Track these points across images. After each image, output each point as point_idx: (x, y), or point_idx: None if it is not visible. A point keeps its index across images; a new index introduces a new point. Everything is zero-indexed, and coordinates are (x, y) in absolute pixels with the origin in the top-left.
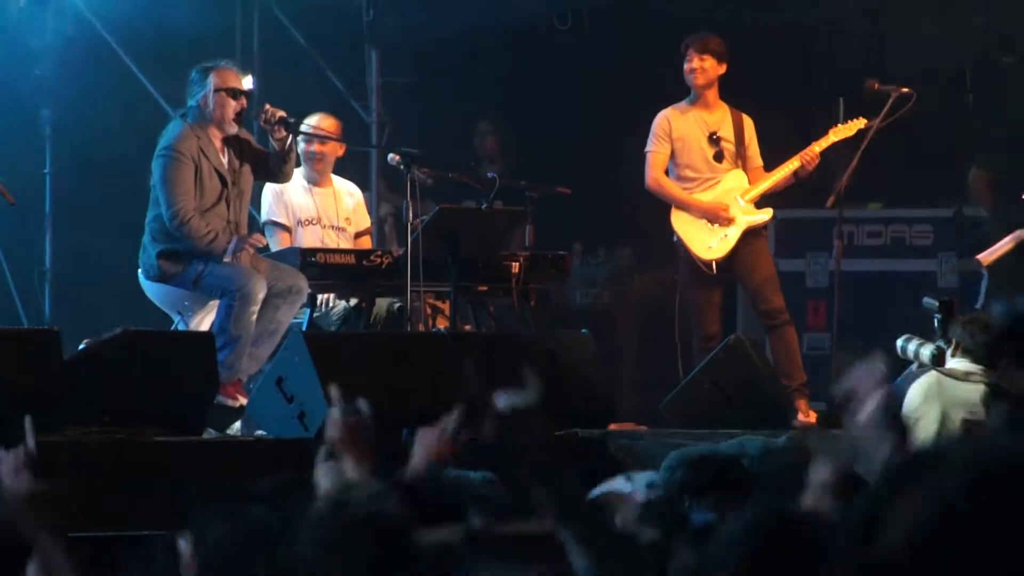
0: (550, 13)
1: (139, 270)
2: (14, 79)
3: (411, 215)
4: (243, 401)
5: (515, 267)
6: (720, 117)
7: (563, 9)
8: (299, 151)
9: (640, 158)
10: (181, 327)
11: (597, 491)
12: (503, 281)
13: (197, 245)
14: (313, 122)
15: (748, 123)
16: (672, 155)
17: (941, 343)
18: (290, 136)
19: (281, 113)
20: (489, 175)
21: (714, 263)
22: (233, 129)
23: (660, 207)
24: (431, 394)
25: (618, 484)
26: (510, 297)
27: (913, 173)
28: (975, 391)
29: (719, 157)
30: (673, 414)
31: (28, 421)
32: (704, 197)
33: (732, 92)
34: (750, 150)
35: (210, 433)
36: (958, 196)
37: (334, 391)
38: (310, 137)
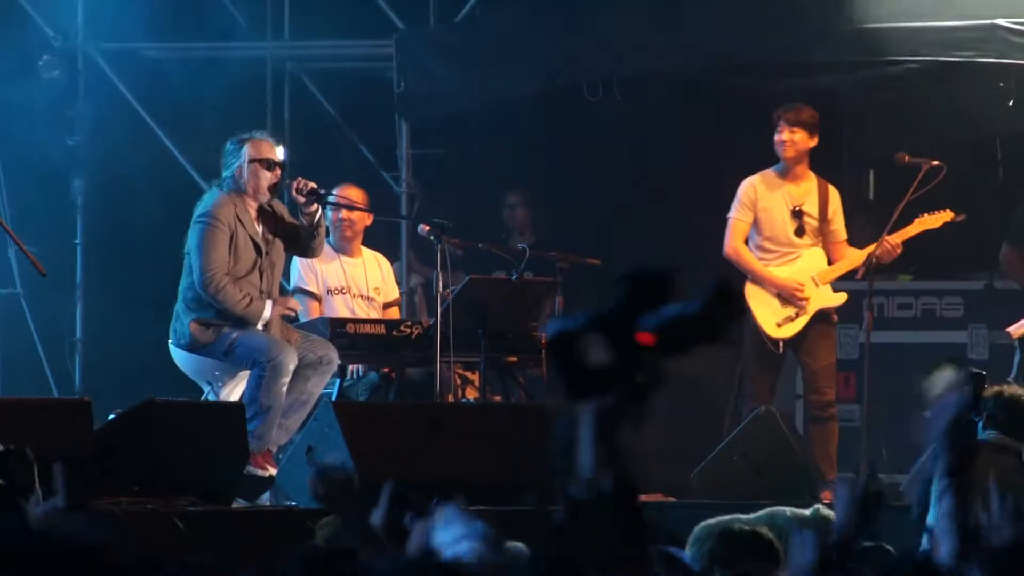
0: (581, 84)
1: (170, 340)
2: (46, 149)
3: (441, 285)
4: (273, 471)
5: (545, 338)
6: (806, 190)
7: (594, 79)
8: (328, 220)
9: (673, 226)
10: (211, 397)
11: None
12: (533, 352)
13: (233, 311)
14: (338, 192)
15: (834, 196)
16: (754, 224)
17: (972, 416)
18: (320, 211)
19: (312, 185)
20: (519, 246)
21: (781, 342)
22: (266, 199)
23: (691, 276)
24: (460, 464)
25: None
26: (540, 368)
27: (943, 245)
28: (1006, 463)
29: (800, 232)
30: (702, 485)
31: (58, 468)
32: (780, 272)
33: (762, 160)
34: (833, 224)
35: (240, 503)
36: (988, 268)
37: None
38: (338, 206)
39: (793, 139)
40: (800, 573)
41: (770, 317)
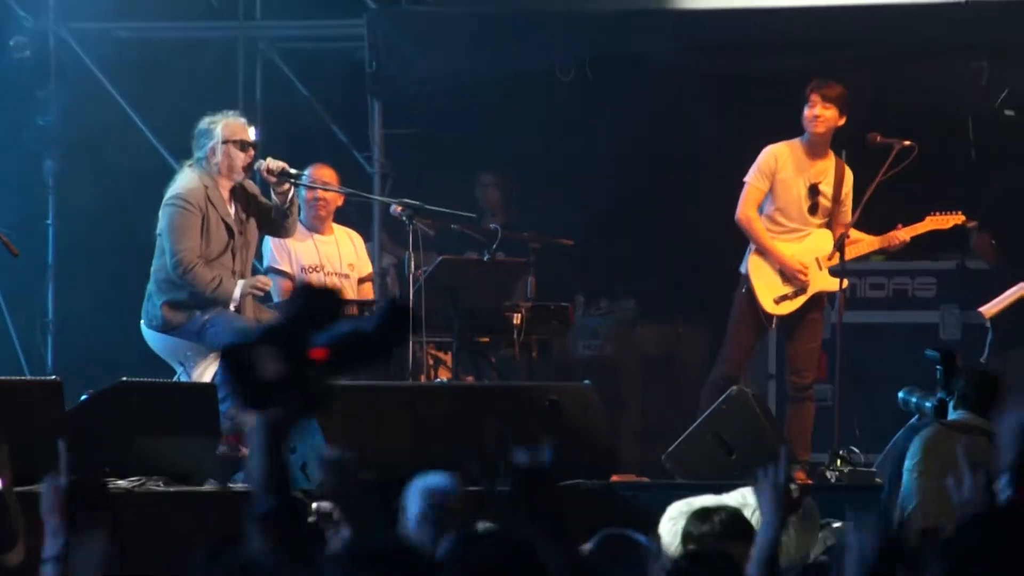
0: (553, 64)
1: (142, 321)
2: (17, 129)
3: (413, 266)
4: (245, 452)
5: (517, 318)
6: (824, 168)
7: (566, 60)
8: (302, 198)
9: (646, 208)
10: (183, 378)
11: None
12: (505, 332)
13: (203, 292)
14: (310, 171)
15: (848, 177)
16: (769, 193)
17: (943, 395)
18: (292, 189)
19: (283, 165)
20: (491, 226)
21: (774, 318)
22: (240, 179)
23: (664, 259)
24: (432, 445)
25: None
26: (512, 348)
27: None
28: (977, 443)
29: (814, 209)
30: (675, 465)
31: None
32: (787, 249)
33: (733, 143)
34: (844, 205)
35: (212, 484)
36: (961, 249)
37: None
38: (309, 187)
39: (825, 115)
40: (864, 557)
41: (769, 292)
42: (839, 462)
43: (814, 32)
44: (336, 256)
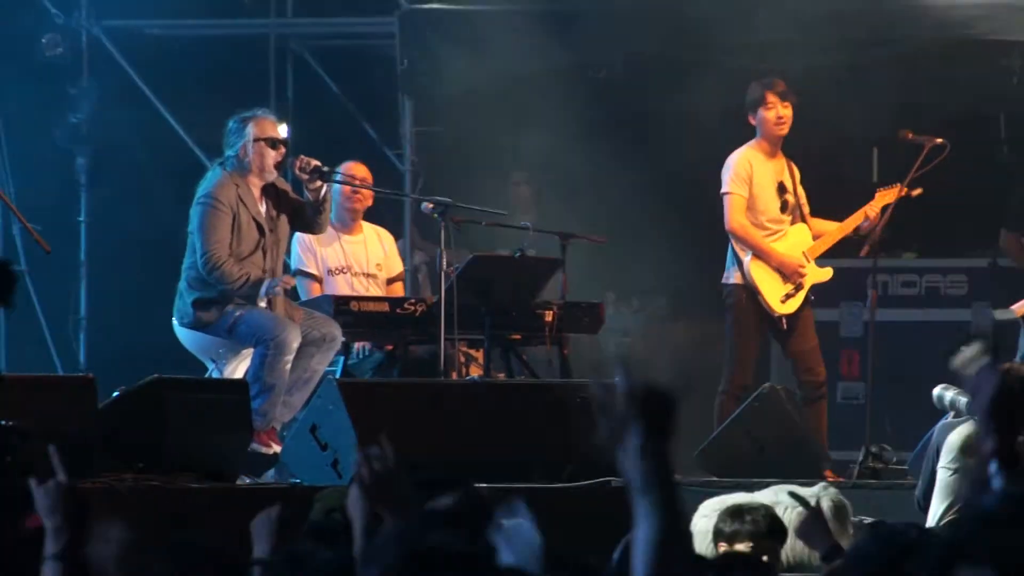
0: (585, 60)
1: (173, 318)
2: (50, 126)
3: (445, 263)
4: (277, 449)
5: (549, 316)
6: (783, 165)
7: (598, 57)
8: (336, 193)
9: (677, 206)
10: (215, 375)
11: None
12: (537, 330)
13: (231, 289)
14: (344, 169)
15: (796, 170)
16: (747, 199)
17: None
18: (325, 186)
19: (315, 162)
20: (523, 223)
21: (783, 318)
22: (272, 177)
23: (695, 257)
24: (464, 442)
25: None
26: (544, 346)
27: (948, 223)
28: None
29: (784, 208)
30: (707, 463)
31: (52, 450)
32: (780, 247)
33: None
34: (801, 198)
35: (244, 480)
36: (992, 246)
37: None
38: (341, 183)
39: (787, 114)
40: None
41: (775, 294)
42: (871, 460)
43: (845, 30)
44: (364, 256)
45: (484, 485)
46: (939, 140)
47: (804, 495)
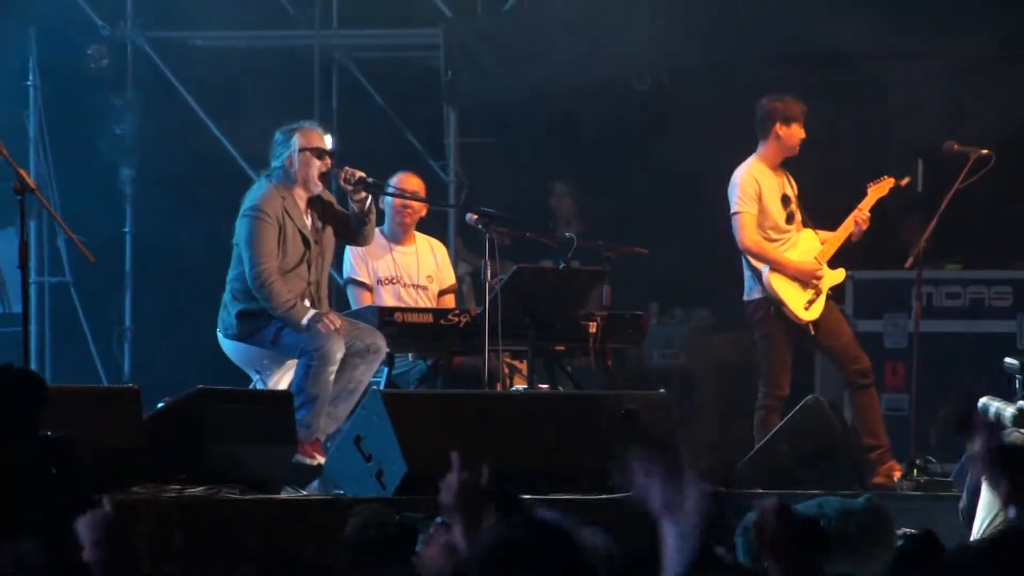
0: (629, 73)
1: (218, 329)
2: (95, 137)
3: (489, 275)
4: (321, 460)
5: (592, 327)
6: (783, 179)
7: (642, 69)
8: (388, 205)
9: (719, 217)
10: (259, 386)
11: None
12: (581, 341)
13: (274, 309)
14: (398, 180)
15: (794, 182)
16: (757, 216)
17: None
18: (369, 198)
19: (360, 174)
20: (567, 235)
21: (811, 324)
22: (318, 189)
23: (739, 267)
24: (508, 454)
25: None
26: (587, 357)
27: (992, 234)
28: None
29: (789, 219)
30: (751, 474)
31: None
32: (793, 256)
33: (808, 151)
34: (799, 208)
35: (288, 491)
36: None
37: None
38: (386, 195)
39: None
40: None
41: (798, 303)
42: (916, 472)
43: (891, 41)
44: (414, 267)
45: (528, 496)
46: (984, 151)
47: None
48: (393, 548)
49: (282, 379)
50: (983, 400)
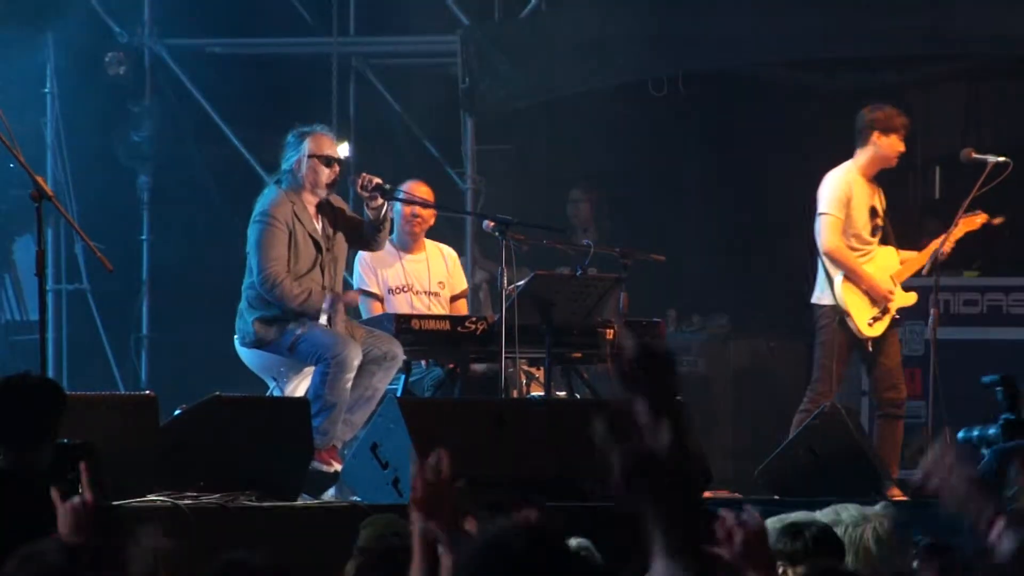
0: (646, 79)
1: (235, 337)
2: (112, 145)
3: (506, 282)
4: (338, 467)
5: (609, 334)
6: (875, 190)
7: (658, 75)
8: (397, 214)
9: (737, 224)
10: (276, 393)
11: None
12: (597, 348)
13: (291, 306)
14: (407, 188)
15: (883, 196)
16: (844, 220)
17: (1009, 415)
18: (385, 205)
19: (377, 180)
20: (584, 242)
21: (869, 341)
22: (325, 194)
23: (756, 275)
24: (525, 460)
25: None
26: (604, 364)
27: (1010, 241)
28: None
29: (874, 231)
30: (768, 481)
31: (82, 467)
32: (870, 270)
33: (826, 158)
34: (886, 223)
35: (305, 499)
36: None
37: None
38: (403, 201)
39: (903, 148)
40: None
41: (863, 316)
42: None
43: (908, 47)
44: (425, 274)
45: (549, 504)
46: (1002, 158)
47: (868, 513)
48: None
49: (299, 386)
50: (962, 432)
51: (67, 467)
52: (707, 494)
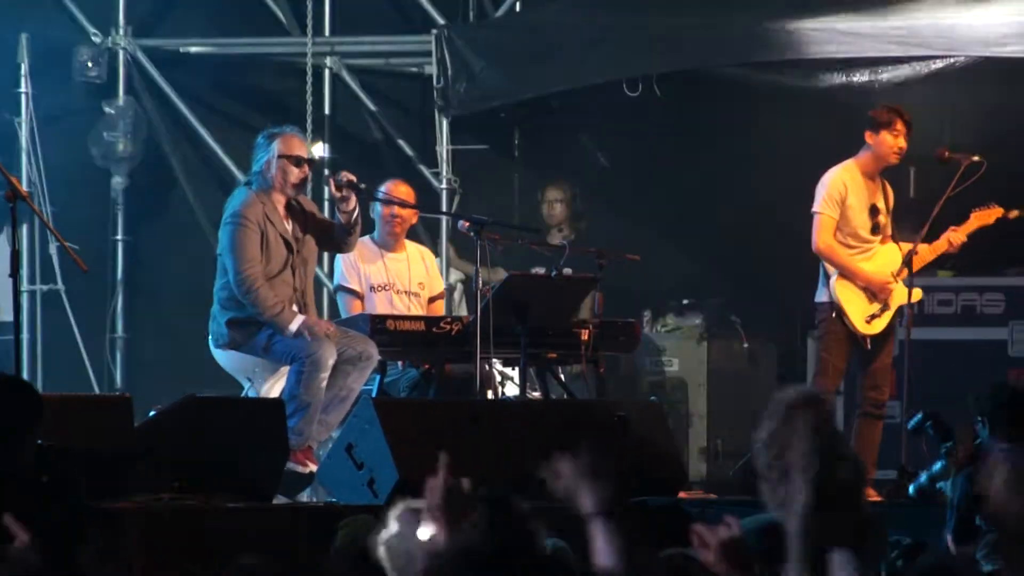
0: (620, 79)
1: (208, 339)
2: (86, 145)
3: (480, 282)
4: (313, 467)
5: (584, 334)
6: (878, 188)
7: (634, 76)
8: (377, 214)
9: (713, 224)
10: (251, 393)
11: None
12: (573, 348)
13: (263, 314)
14: (388, 187)
15: (891, 192)
16: (838, 220)
17: (947, 445)
18: (357, 209)
19: (351, 177)
20: (559, 242)
21: (868, 338)
22: (293, 194)
23: (731, 276)
24: (500, 461)
25: None
26: (579, 364)
27: (984, 240)
28: None
29: (875, 229)
30: (743, 481)
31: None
32: (867, 267)
33: (802, 158)
34: (890, 220)
35: (280, 499)
36: None
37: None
38: (379, 201)
39: (905, 148)
40: None
41: (859, 314)
42: (906, 479)
43: (884, 47)
44: (406, 274)
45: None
46: (976, 157)
47: None
48: None
49: (274, 387)
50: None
51: (41, 469)
52: (682, 495)
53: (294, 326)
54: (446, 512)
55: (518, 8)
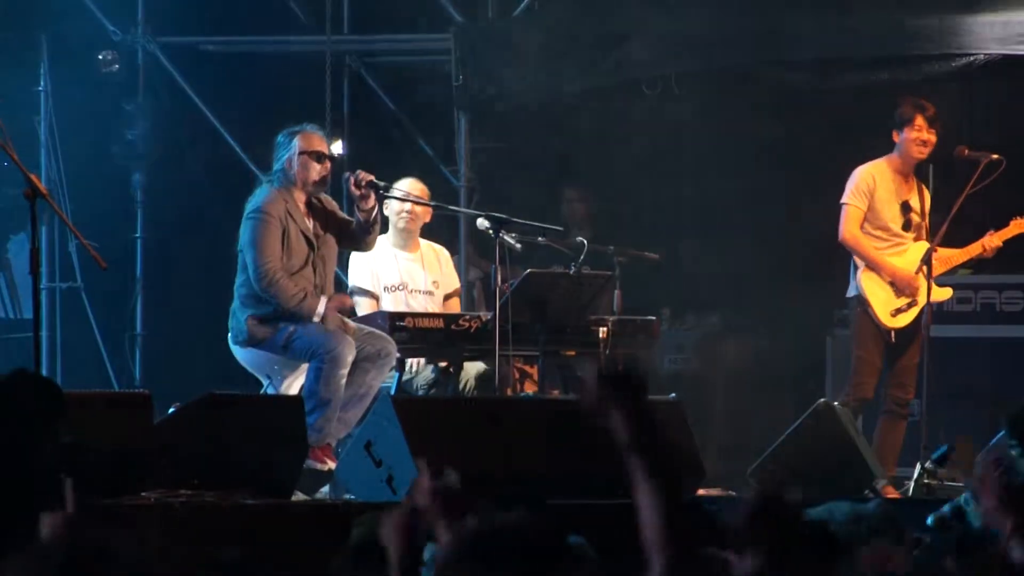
0: (639, 77)
1: (229, 336)
2: (106, 143)
3: (500, 279)
4: (332, 465)
5: (603, 332)
6: (912, 185)
7: (652, 74)
8: (391, 211)
9: (731, 223)
10: (271, 391)
11: None
12: (591, 346)
13: (286, 306)
14: (403, 187)
15: (927, 192)
16: (867, 212)
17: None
18: (376, 207)
19: (369, 177)
20: (578, 240)
21: (893, 332)
22: (314, 190)
23: (750, 274)
24: (518, 459)
25: None
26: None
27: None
28: None
29: (907, 226)
30: (760, 480)
31: (68, 484)
32: (896, 261)
33: (821, 157)
34: (926, 220)
35: (299, 496)
36: None
37: (421, 463)
38: (396, 199)
39: (931, 140)
40: None
41: (885, 307)
42: (926, 476)
43: (903, 45)
44: (420, 273)
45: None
46: (995, 156)
47: (863, 510)
48: None
49: (293, 384)
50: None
51: (61, 466)
52: (700, 491)
53: (321, 307)
54: (440, 512)
55: (537, 6)
